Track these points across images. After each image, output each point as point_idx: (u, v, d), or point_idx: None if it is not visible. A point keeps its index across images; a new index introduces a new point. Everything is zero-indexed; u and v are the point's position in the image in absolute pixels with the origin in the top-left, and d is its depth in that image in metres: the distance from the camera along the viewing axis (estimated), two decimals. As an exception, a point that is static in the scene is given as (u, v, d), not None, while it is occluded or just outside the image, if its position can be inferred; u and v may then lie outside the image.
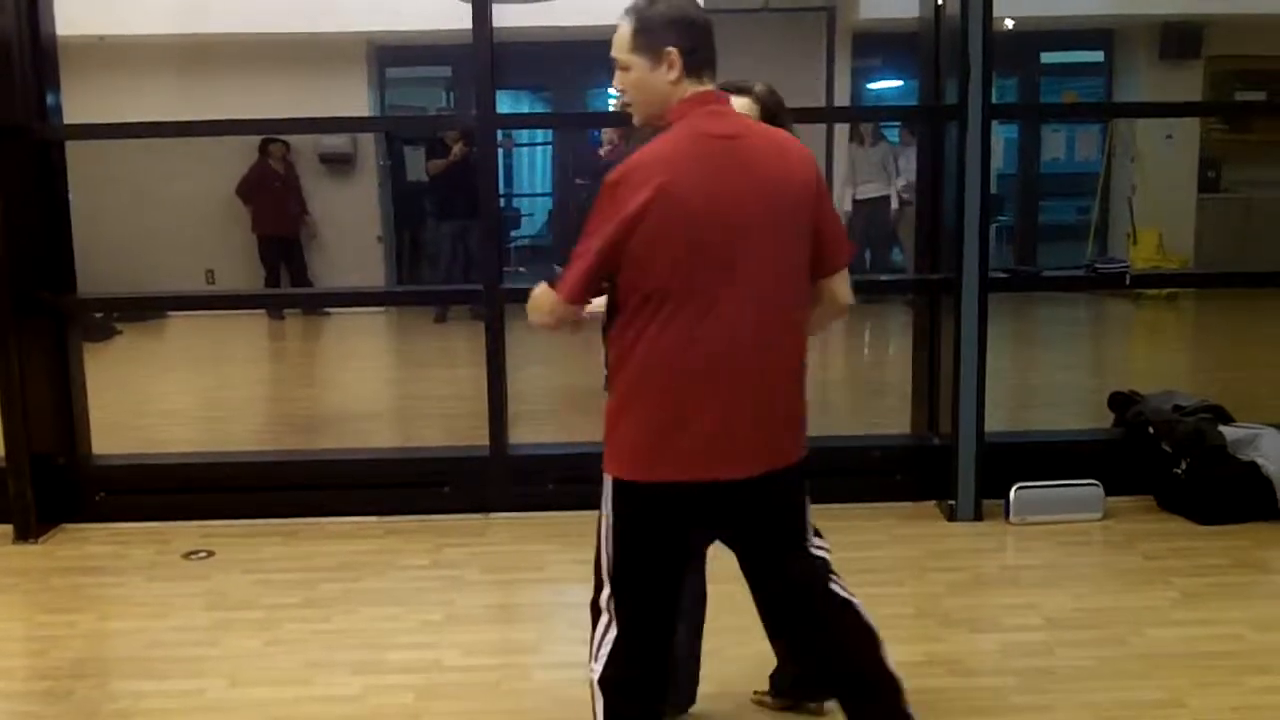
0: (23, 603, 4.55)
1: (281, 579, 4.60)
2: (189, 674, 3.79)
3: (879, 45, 12.66)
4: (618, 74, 2.64)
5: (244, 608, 4.34)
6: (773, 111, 3.03)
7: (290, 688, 3.69)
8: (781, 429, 2.68)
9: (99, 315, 10.01)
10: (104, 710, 3.59)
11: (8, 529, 5.10)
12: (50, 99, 5.23)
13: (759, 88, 3.06)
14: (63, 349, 5.35)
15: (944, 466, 5.16)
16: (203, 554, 4.90)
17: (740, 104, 2.92)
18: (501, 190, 7.50)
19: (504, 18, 5.18)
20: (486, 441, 5.30)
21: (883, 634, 2.79)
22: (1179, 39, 11.97)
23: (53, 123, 5.27)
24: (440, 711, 3.52)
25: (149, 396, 8.37)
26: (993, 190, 5.33)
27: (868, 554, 4.71)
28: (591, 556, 2.77)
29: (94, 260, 6.07)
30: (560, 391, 8.08)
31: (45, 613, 4.42)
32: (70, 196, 5.36)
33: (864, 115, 12.79)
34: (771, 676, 3.43)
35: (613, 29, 2.64)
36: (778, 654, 3.30)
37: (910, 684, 3.55)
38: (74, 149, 5.46)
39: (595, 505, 2.68)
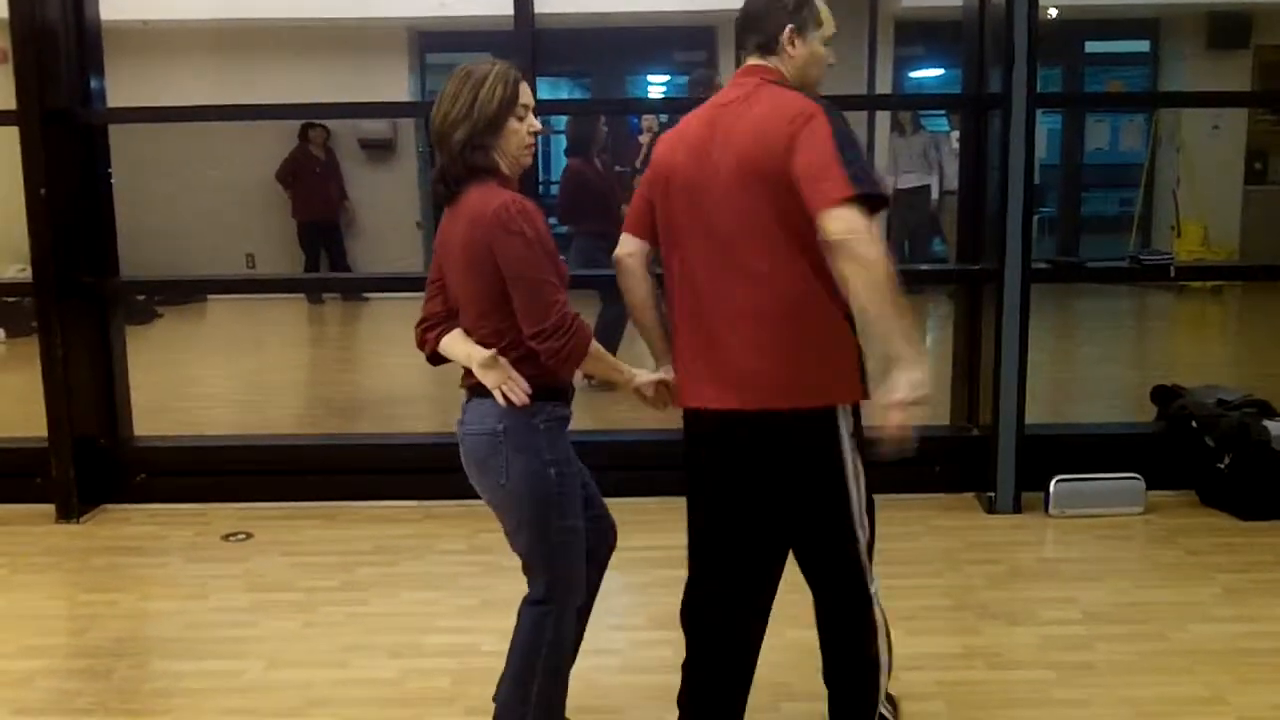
0: (64, 582, 4.60)
1: (320, 562, 4.63)
2: (228, 655, 3.82)
3: (921, 33, 12.55)
4: None
5: (282, 590, 4.37)
6: None
7: (328, 670, 3.71)
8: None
9: (140, 298, 10.10)
10: (143, 690, 3.63)
11: (50, 509, 5.16)
12: (94, 83, 5.28)
13: None
14: (105, 332, 5.40)
15: (983, 458, 5.13)
16: (242, 536, 4.94)
17: None
18: (540, 177, 7.53)
19: (545, 3, 5.16)
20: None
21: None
22: (1226, 28, 11.80)
23: (96, 107, 5.31)
24: (477, 695, 3.51)
25: (189, 379, 8.44)
26: (1036, 180, 5.27)
27: (905, 545, 4.70)
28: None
29: (136, 243, 6.11)
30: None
31: (86, 592, 4.47)
32: (113, 180, 5.41)
33: (906, 104, 12.66)
34: None
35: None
36: None
37: (948, 676, 3.56)
38: (116, 133, 5.49)
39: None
